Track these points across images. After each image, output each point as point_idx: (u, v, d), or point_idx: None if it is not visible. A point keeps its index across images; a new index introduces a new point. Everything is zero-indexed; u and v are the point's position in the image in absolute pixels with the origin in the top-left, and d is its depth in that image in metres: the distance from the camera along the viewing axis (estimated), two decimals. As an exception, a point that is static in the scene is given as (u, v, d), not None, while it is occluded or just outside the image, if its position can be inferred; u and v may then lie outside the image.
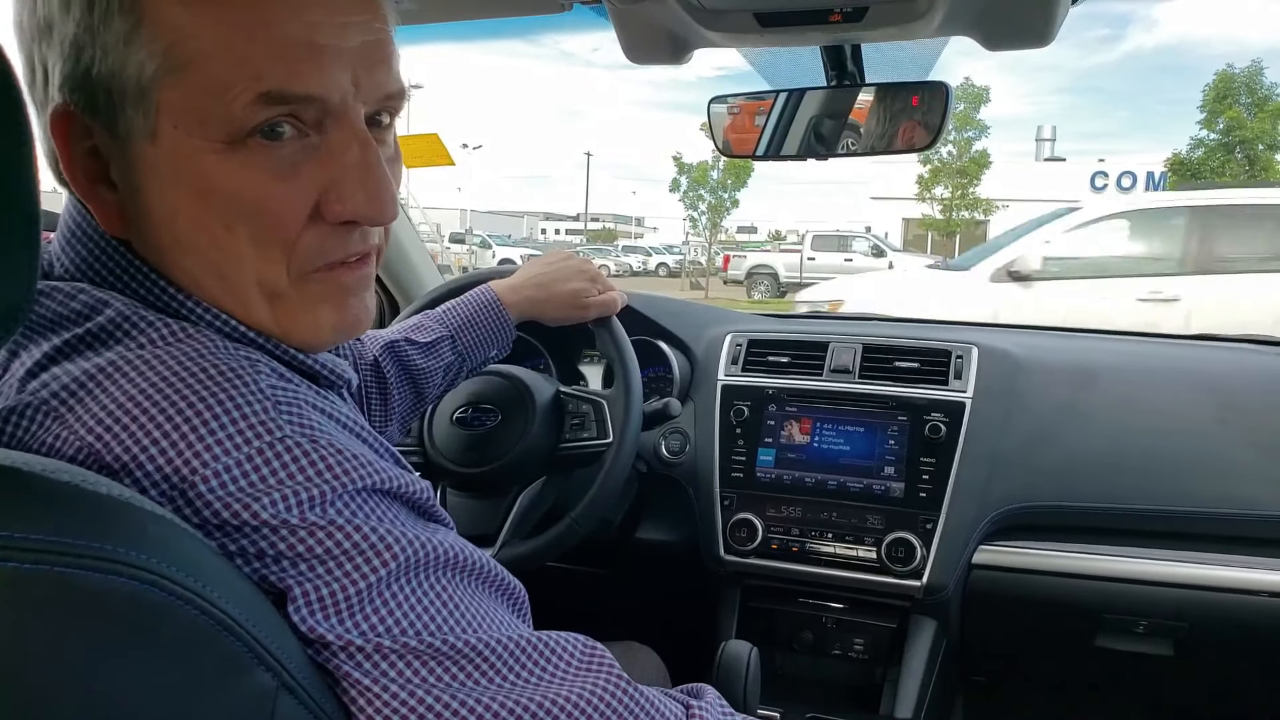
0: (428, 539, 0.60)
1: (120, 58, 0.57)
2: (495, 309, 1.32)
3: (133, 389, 0.56)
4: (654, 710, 0.65)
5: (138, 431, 0.54)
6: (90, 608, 0.44)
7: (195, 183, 0.60)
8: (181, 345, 0.59)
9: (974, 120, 22.47)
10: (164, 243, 0.62)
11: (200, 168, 0.59)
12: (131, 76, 0.58)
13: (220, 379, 0.56)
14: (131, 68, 0.57)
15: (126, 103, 0.58)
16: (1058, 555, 1.55)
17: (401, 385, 1.24)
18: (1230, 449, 1.55)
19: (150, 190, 0.61)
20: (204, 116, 0.58)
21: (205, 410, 0.55)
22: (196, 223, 0.61)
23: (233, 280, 0.63)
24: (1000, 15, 1.17)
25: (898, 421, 1.62)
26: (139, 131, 0.59)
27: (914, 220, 26.22)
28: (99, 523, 0.46)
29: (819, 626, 1.71)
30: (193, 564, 0.49)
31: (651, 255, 31.96)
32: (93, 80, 0.58)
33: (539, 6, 1.31)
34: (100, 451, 0.54)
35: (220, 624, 0.49)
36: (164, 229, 0.62)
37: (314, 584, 0.55)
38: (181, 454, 0.54)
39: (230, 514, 0.54)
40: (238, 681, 0.50)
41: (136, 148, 0.60)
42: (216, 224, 0.61)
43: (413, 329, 1.28)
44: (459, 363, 1.30)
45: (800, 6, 1.14)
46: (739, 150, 1.51)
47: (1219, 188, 9.45)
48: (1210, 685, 1.70)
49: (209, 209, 0.60)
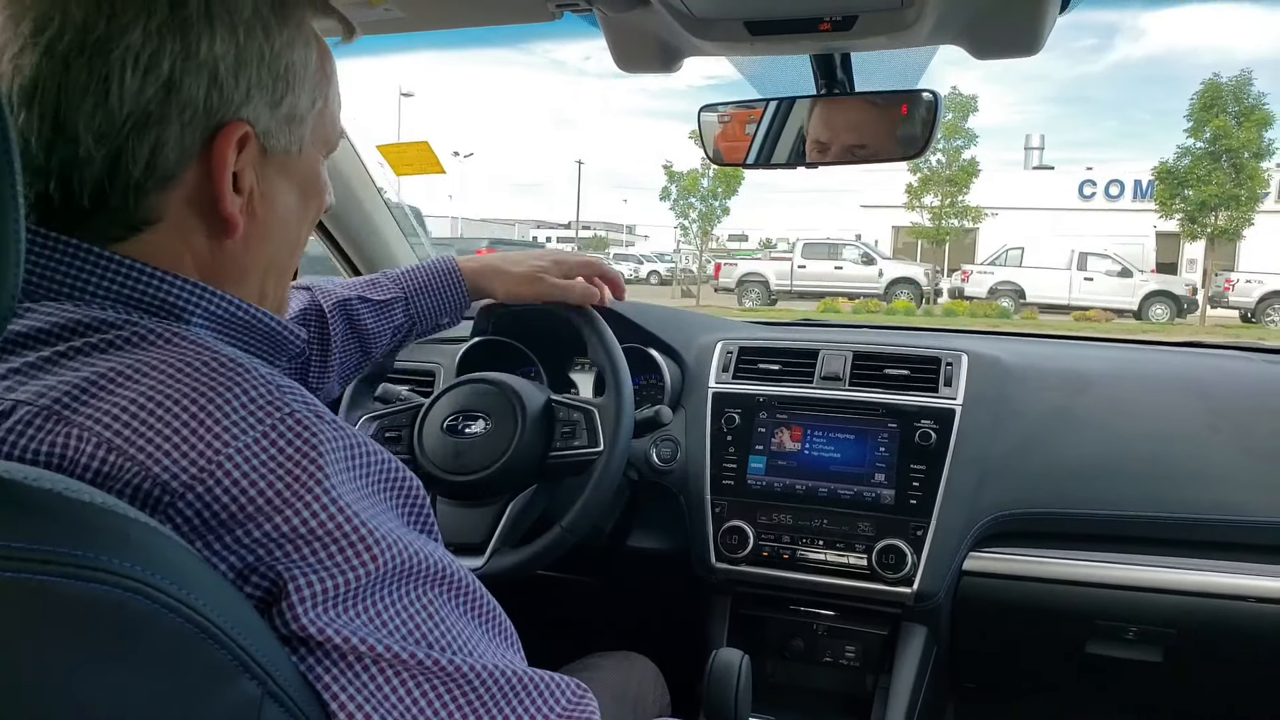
0: (419, 548, 0.63)
1: (301, 94, 0.73)
2: (453, 276, 1.35)
3: (143, 387, 0.59)
4: None
5: (156, 423, 0.57)
6: (73, 616, 0.44)
7: (311, 186, 0.79)
8: (180, 346, 0.63)
9: (963, 129, 22.53)
10: (272, 237, 0.76)
11: (317, 171, 0.79)
12: (305, 107, 0.74)
13: (223, 370, 0.61)
14: (305, 102, 0.74)
15: (292, 126, 0.73)
16: (1048, 562, 1.55)
17: (348, 343, 1.27)
18: (1220, 455, 1.55)
19: (281, 192, 0.75)
20: (326, 138, 0.79)
21: (217, 397, 0.59)
22: (301, 218, 0.79)
23: (291, 258, 0.80)
24: (988, 24, 1.18)
25: (888, 428, 1.62)
26: (292, 148, 0.74)
27: (904, 228, 26.25)
28: (82, 530, 0.46)
29: (810, 634, 1.71)
30: (177, 571, 0.49)
31: (643, 263, 31.92)
32: (277, 108, 0.71)
33: (529, 15, 1.31)
34: (121, 445, 0.56)
35: (205, 632, 0.48)
36: (279, 225, 0.76)
37: (315, 572, 0.57)
38: (203, 438, 0.57)
39: (257, 491, 0.57)
40: (223, 690, 0.49)
41: (284, 160, 0.74)
42: (306, 213, 0.80)
43: (368, 285, 1.31)
44: (409, 325, 1.34)
45: (790, 15, 1.15)
46: (729, 158, 1.51)
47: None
48: (1200, 691, 1.70)
49: (311, 206, 0.80)
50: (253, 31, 0.68)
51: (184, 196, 0.68)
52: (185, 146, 0.66)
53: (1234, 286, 20.39)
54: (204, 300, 0.70)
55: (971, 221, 23.49)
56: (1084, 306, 19.87)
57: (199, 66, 0.66)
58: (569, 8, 1.23)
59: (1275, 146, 19.80)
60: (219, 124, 0.67)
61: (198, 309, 0.69)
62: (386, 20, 1.35)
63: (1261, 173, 20.01)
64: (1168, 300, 20.22)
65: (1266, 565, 1.46)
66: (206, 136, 0.67)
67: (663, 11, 1.14)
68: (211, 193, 0.68)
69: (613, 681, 1.33)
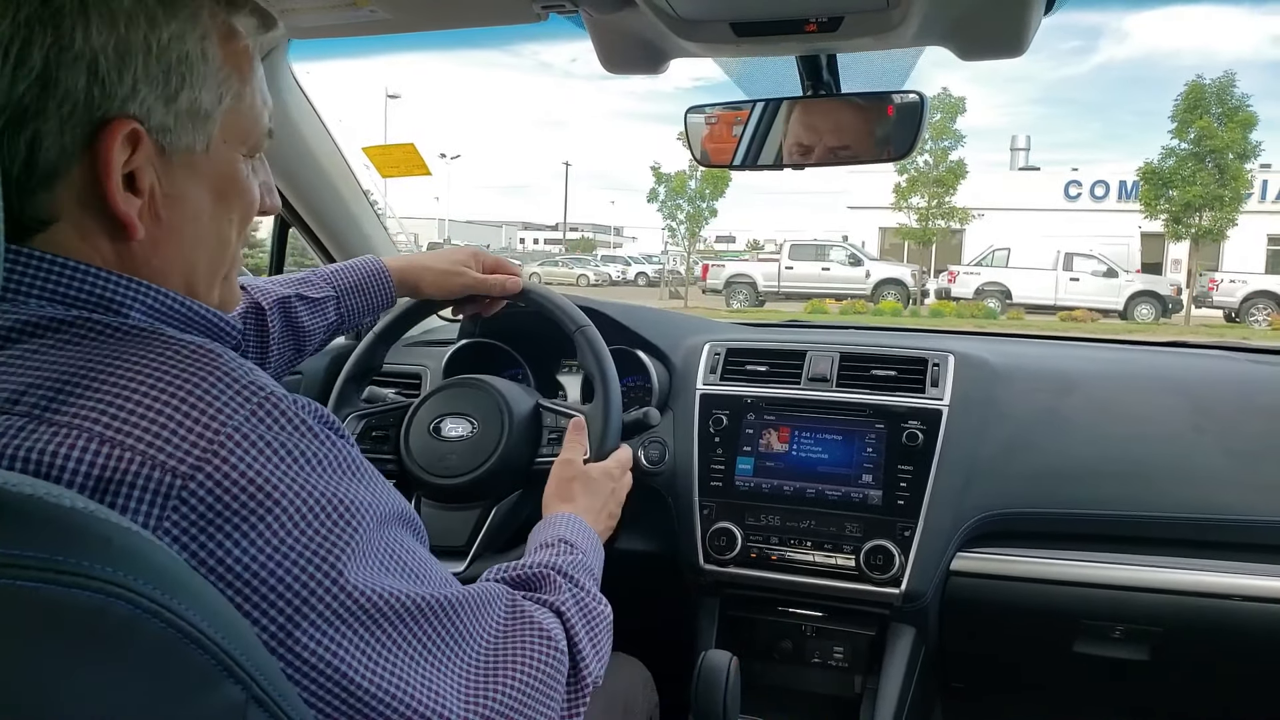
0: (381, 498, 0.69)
1: (203, 89, 0.70)
2: (381, 276, 1.36)
3: (123, 380, 0.60)
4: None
5: (148, 414, 0.59)
6: (55, 622, 0.43)
7: (227, 185, 0.75)
8: (142, 338, 0.64)
9: (950, 130, 22.60)
10: (182, 239, 0.73)
11: (234, 171, 0.76)
12: (209, 103, 0.71)
13: (195, 357, 0.63)
14: (209, 97, 0.71)
15: (194, 123, 0.70)
16: (1035, 562, 1.55)
17: (284, 340, 1.28)
18: (1205, 455, 1.56)
19: (189, 193, 0.72)
20: (244, 136, 0.76)
21: (201, 383, 0.61)
22: (216, 219, 0.75)
23: (216, 265, 0.77)
24: (974, 26, 1.18)
25: (875, 429, 1.62)
26: (196, 145, 0.71)
27: (891, 229, 26.31)
28: (63, 535, 0.46)
29: (798, 635, 1.71)
30: (160, 576, 0.48)
31: (630, 265, 31.91)
32: (171, 103, 0.68)
33: (515, 16, 1.31)
34: (120, 439, 0.57)
35: (189, 636, 0.48)
36: (188, 226, 0.73)
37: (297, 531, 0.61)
38: (199, 421, 0.60)
39: (254, 472, 0.60)
40: (207, 695, 0.49)
41: (187, 158, 0.71)
42: (227, 217, 0.76)
43: (302, 283, 1.32)
44: (339, 324, 1.36)
45: (776, 16, 1.15)
46: (716, 160, 1.51)
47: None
48: (1187, 689, 1.71)
49: (229, 205, 0.76)
50: (135, 22, 0.65)
51: (74, 196, 0.66)
52: (66, 143, 0.64)
53: (1218, 286, 20.50)
54: (140, 294, 0.69)
55: (958, 222, 23.56)
56: (1070, 307, 19.94)
57: (75, 59, 0.63)
58: (555, 9, 1.23)
59: (1259, 148, 19.91)
60: (102, 120, 0.65)
61: (136, 303, 0.68)
62: (372, 22, 1.35)
63: (1245, 173, 20.12)
64: (1153, 300, 20.31)
65: (1251, 564, 1.47)
66: (89, 133, 0.65)
67: (648, 13, 1.14)
68: (102, 192, 0.66)
69: (602, 684, 1.32)
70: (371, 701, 0.63)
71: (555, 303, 1.47)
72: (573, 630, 0.86)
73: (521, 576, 0.92)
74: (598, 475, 1.25)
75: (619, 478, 1.30)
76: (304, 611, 0.61)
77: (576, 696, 0.85)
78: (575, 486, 1.22)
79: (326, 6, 1.28)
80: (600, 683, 0.90)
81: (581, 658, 0.85)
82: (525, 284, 1.47)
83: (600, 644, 0.91)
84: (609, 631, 0.95)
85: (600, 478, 1.25)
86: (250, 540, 0.59)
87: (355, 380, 1.54)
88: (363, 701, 0.63)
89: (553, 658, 0.80)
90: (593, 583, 0.97)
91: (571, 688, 0.84)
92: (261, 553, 0.60)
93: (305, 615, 0.61)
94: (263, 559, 0.60)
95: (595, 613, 0.92)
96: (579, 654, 0.85)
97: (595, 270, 30.10)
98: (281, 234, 2.04)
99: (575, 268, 30.32)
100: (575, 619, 0.87)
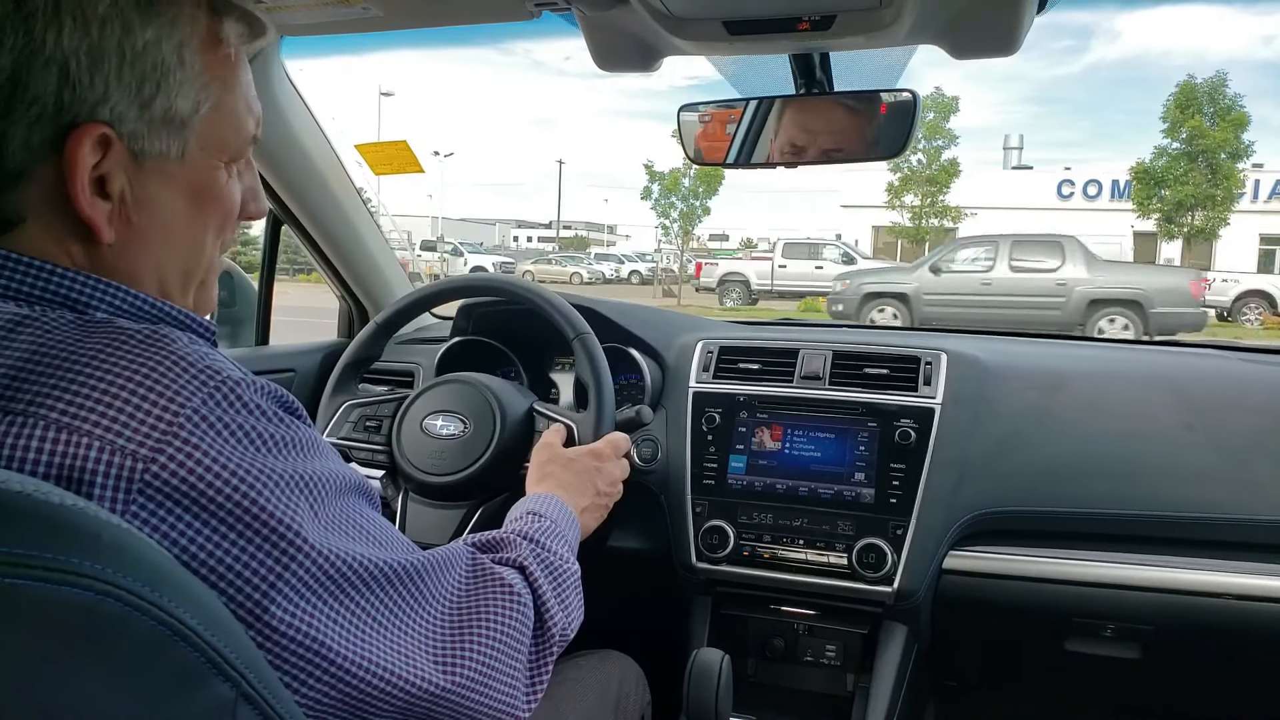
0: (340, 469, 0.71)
1: (179, 96, 0.70)
2: None
3: (75, 366, 0.60)
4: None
5: (104, 398, 0.58)
6: (44, 619, 0.43)
7: (203, 192, 0.74)
8: (91, 328, 0.63)
9: (943, 129, 22.65)
10: (152, 243, 0.72)
11: (212, 178, 0.75)
12: (185, 109, 0.70)
13: (146, 342, 0.62)
14: (186, 104, 0.70)
15: (168, 129, 0.70)
16: (1027, 560, 1.56)
17: None
18: (1196, 453, 1.56)
19: (162, 198, 0.71)
20: (224, 144, 0.75)
21: (157, 367, 0.61)
22: (190, 225, 0.74)
23: (191, 270, 0.76)
24: (966, 24, 1.18)
25: (868, 428, 1.62)
26: (170, 151, 0.70)
27: (884, 228, 26.36)
28: (52, 532, 0.45)
29: (791, 633, 1.71)
30: (150, 573, 0.48)
31: (624, 263, 31.86)
32: (146, 109, 0.68)
33: (508, 14, 1.30)
34: (75, 424, 0.57)
35: (178, 634, 0.48)
36: (159, 231, 0.72)
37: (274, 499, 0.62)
38: (156, 404, 0.59)
39: (216, 452, 0.60)
40: (196, 692, 0.49)
41: (161, 164, 0.70)
42: (202, 224, 0.75)
43: None
44: None
45: (769, 14, 1.15)
46: (710, 158, 1.51)
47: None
48: (1178, 687, 1.72)
49: (205, 212, 0.75)
50: (109, 26, 0.65)
51: (42, 197, 0.66)
52: (33, 144, 0.64)
53: (1210, 285, 20.59)
54: (108, 294, 0.68)
55: (951, 221, 23.62)
56: (1062, 305, 19.97)
57: (46, 62, 0.63)
58: (548, 7, 1.23)
59: (1251, 147, 20.00)
60: (71, 123, 0.64)
61: (102, 303, 0.68)
62: (365, 19, 1.34)
63: (1237, 173, 20.24)
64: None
65: (1243, 562, 1.48)
66: (58, 135, 0.64)
67: (641, 11, 1.14)
68: (69, 194, 0.66)
69: (594, 680, 1.33)
70: (350, 668, 0.65)
71: (555, 305, 1.46)
72: (536, 584, 0.87)
73: (484, 541, 0.93)
74: (576, 455, 1.25)
75: (608, 458, 1.28)
76: (278, 586, 0.61)
77: (543, 650, 0.86)
78: (551, 467, 1.22)
79: (320, 4, 1.28)
80: (569, 637, 0.91)
81: (547, 611, 0.86)
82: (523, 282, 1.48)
83: (567, 599, 0.92)
84: (577, 589, 0.95)
85: (580, 457, 1.25)
86: (219, 520, 0.60)
87: (354, 367, 1.55)
88: (341, 668, 0.65)
89: (518, 611, 0.82)
90: (563, 545, 0.98)
91: (538, 640, 0.85)
92: (231, 532, 0.60)
93: (279, 589, 0.61)
94: (232, 537, 0.60)
95: (560, 570, 0.93)
96: (544, 606, 0.86)
97: (589, 268, 30.07)
98: (274, 232, 2.03)
99: (569, 265, 30.26)
100: (539, 573, 0.88)
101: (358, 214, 2.05)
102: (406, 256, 20.00)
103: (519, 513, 1.04)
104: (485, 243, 43.80)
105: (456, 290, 1.75)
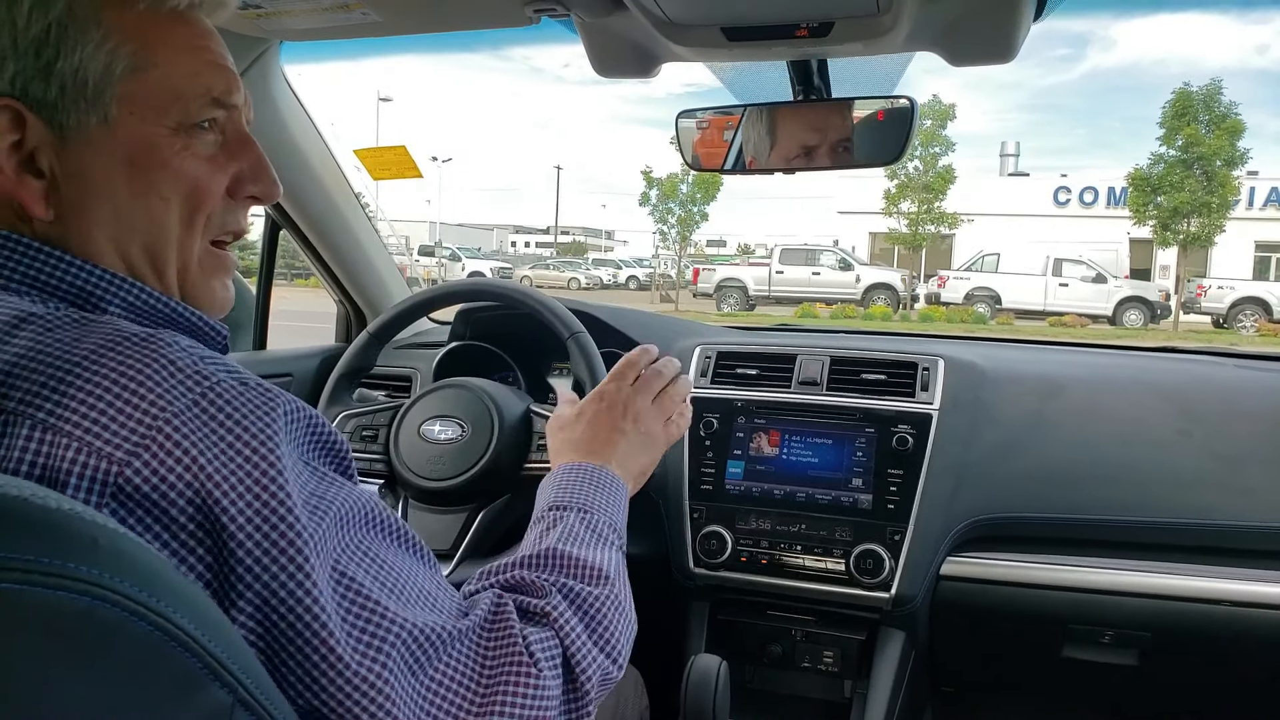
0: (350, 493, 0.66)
1: (84, 58, 0.65)
2: None
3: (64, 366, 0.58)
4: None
5: (87, 398, 0.57)
6: (40, 625, 0.43)
7: (144, 160, 0.69)
8: (97, 326, 0.62)
9: (940, 136, 22.65)
10: (98, 219, 0.68)
11: (153, 147, 0.69)
12: (96, 72, 0.66)
13: (140, 345, 0.60)
14: (96, 66, 0.66)
15: (82, 95, 0.66)
16: (1024, 566, 1.56)
17: None
18: (1192, 459, 1.57)
19: (95, 170, 0.67)
20: (159, 108, 0.69)
21: (144, 370, 0.59)
22: (137, 197, 0.69)
23: (156, 249, 0.71)
24: (964, 31, 1.19)
25: (865, 433, 1.62)
26: (90, 119, 0.66)
27: (881, 234, 26.32)
28: (49, 536, 0.45)
29: (788, 639, 1.71)
30: (146, 578, 0.48)
31: (621, 268, 31.85)
32: (51, 76, 0.65)
33: (507, 20, 1.31)
34: (56, 424, 0.56)
35: (175, 639, 0.48)
36: (102, 206, 0.68)
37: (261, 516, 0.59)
38: (138, 406, 0.57)
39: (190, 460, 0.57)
40: (193, 698, 0.49)
41: (84, 133, 0.67)
42: (155, 196, 0.70)
43: None
44: None
45: (767, 21, 1.15)
46: (707, 164, 1.51)
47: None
48: (1175, 694, 1.71)
49: (152, 183, 0.69)
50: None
51: None
52: None
53: (1206, 292, 20.59)
54: (121, 290, 0.68)
55: (948, 227, 23.61)
56: (1059, 312, 20.02)
57: None
58: (546, 12, 1.24)
59: (1247, 155, 20.03)
60: None
61: (115, 299, 0.68)
62: (363, 24, 1.35)
63: (1233, 180, 20.24)
64: (1141, 306, 20.40)
65: (1239, 569, 1.48)
66: None
67: (640, 17, 1.14)
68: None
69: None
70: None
71: (549, 308, 1.47)
72: (566, 634, 0.76)
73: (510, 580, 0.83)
74: (585, 404, 1.09)
75: (628, 379, 1.10)
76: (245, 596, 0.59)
77: (578, 706, 0.76)
78: (563, 434, 1.08)
79: (319, 9, 1.28)
80: (614, 677, 0.81)
81: (579, 666, 0.75)
82: (514, 285, 1.47)
83: (609, 632, 0.81)
84: (619, 609, 0.84)
85: (590, 403, 1.09)
86: (189, 534, 0.58)
87: (348, 377, 1.54)
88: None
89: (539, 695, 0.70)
90: (596, 543, 0.88)
91: (570, 700, 0.75)
92: (200, 545, 0.58)
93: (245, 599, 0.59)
94: (208, 543, 0.58)
95: (594, 602, 0.81)
96: (576, 662, 0.75)
97: (586, 274, 30.09)
98: (272, 236, 2.03)
99: (566, 271, 30.28)
100: (569, 618, 0.77)
101: (356, 219, 2.05)
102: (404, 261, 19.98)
103: (540, 510, 0.96)
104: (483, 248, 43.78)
105: (450, 296, 1.75)
